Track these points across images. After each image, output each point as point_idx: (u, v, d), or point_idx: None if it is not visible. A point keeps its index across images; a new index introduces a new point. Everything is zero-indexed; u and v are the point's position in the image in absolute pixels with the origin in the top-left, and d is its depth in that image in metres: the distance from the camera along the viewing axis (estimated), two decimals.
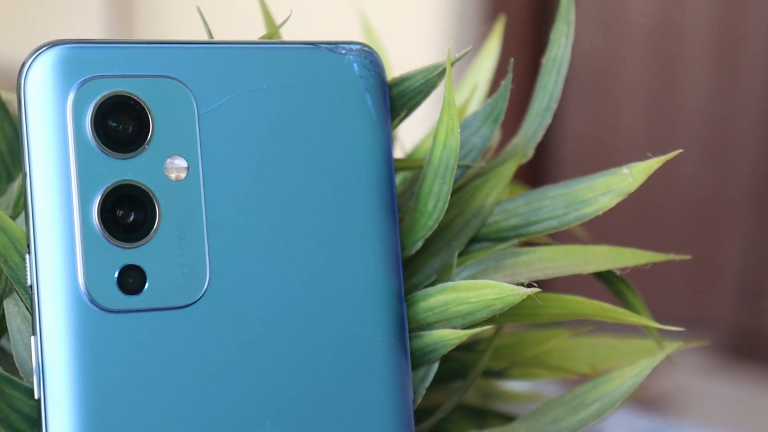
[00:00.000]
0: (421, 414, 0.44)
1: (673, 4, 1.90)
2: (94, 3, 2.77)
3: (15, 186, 0.44)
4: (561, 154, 2.01)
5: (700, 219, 1.92)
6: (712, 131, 1.90)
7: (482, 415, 0.48)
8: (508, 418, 0.48)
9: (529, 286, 0.39)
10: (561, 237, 0.46)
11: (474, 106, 0.51)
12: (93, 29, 2.74)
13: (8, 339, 0.44)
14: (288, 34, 0.51)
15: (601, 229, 0.54)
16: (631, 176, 0.42)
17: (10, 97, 0.45)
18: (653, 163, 0.42)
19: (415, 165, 0.45)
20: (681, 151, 0.44)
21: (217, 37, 0.42)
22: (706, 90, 1.89)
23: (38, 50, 0.38)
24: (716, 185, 1.90)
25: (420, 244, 0.42)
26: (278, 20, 0.47)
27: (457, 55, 0.41)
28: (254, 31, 0.51)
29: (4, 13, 2.75)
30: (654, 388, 1.67)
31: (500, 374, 0.49)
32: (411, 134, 0.54)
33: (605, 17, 1.94)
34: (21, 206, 0.43)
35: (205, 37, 0.42)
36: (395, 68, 0.48)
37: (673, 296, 1.94)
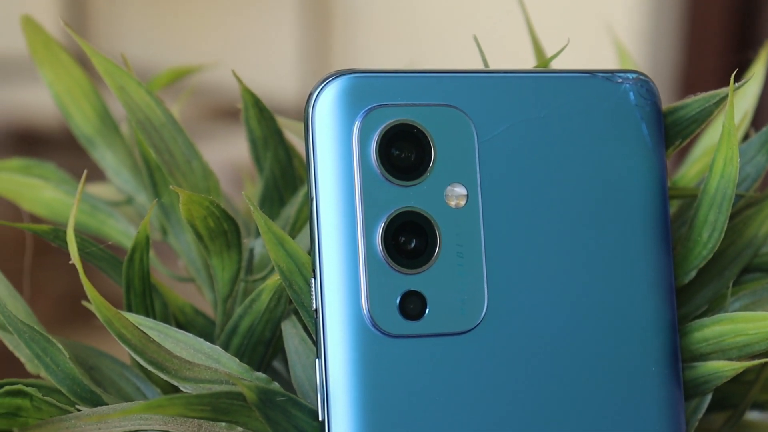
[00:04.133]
0: None
1: None
2: (289, 18, 2.82)
3: (288, 211, 0.46)
4: None
5: None
6: None
7: None
8: None
9: None
10: None
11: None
12: (288, 45, 2.79)
13: (280, 360, 0.45)
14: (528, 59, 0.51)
15: None
16: None
17: (285, 122, 0.46)
18: None
19: (686, 193, 0.45)
20: None
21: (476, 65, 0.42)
22: None
23: (325, 80, 0.39)
24: None
25: (693, 273, 0.42)
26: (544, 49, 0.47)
27: (737, 84, 0.41)
28: (511, 56, 0.51)
29: (202, 37, 2.82)
30: None
31: (763, 406, 0.48)
32: None
33: None
34: (296, 230, 0.44)
35: (476, 65, 0.43)
36: None
37: None
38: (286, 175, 0.46)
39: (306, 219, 0.44)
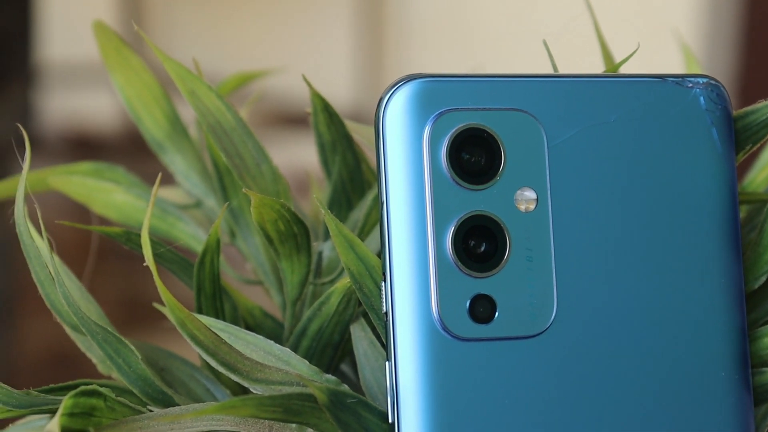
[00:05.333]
0: None
1: None
2: (342, 23, 2.83)
3: (357, 214, 0.46)
4: None
5: None
6: None
7: None
8: None
9: None
10: None
11: None
12: (342, 51, 2.79)
13: (347, 363, 0.46)
14: (596, 64, 0.51)
15: None
16: None
17: (353, 126, 0.46)
18: None
19: (755, 198, 0.45)
20: None
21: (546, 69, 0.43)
22: None
23: (396, 84, 0.39)
24: None
25: (763, 279, 0.42)
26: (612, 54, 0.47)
27: None
28: (577, 60, 0.51)
29: (255, 42, 2.83)
30: None
31: None
32: None
33: None
34: (365, 234, 0.44)
35: (547, 70, 0.43)
36: None
37: None
38: (354, 179, 0.46)
39: (374, 222, 0.44)
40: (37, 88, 1.64)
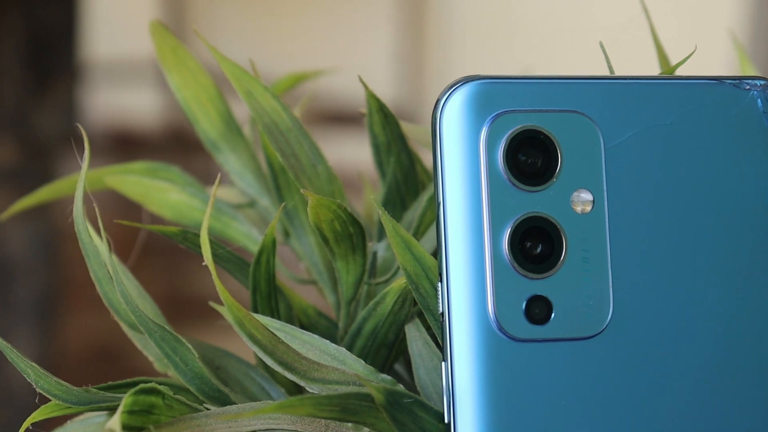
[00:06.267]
0: None
1: None
2: (383, 22, 2.83)
3: (411, 215, 0.46)
4: None
5: None
6: None
7: None
8: None
9: None
10: None
11: None
12: (383, 50, 2.79)
13: (400, 363, 0.46)
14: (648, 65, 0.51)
15: None
16: None
17: (407, 127, 0.46)
18: None
19: None
20: None
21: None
22: None
23: (453, 86, 0.39)
24: None
25: None
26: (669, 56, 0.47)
27: None
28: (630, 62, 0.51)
29: (298, 41, 2.83)
30: None
31: None
32: None
33: None
34: (420, 235, 0.45)
35: (603, 71, 0.43)
36: None
37: None
38: (408, 180, 0.46)
39: (429, 223, 0.44)
40: (83, 85, 1.65)
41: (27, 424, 0.40)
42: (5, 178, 1.46)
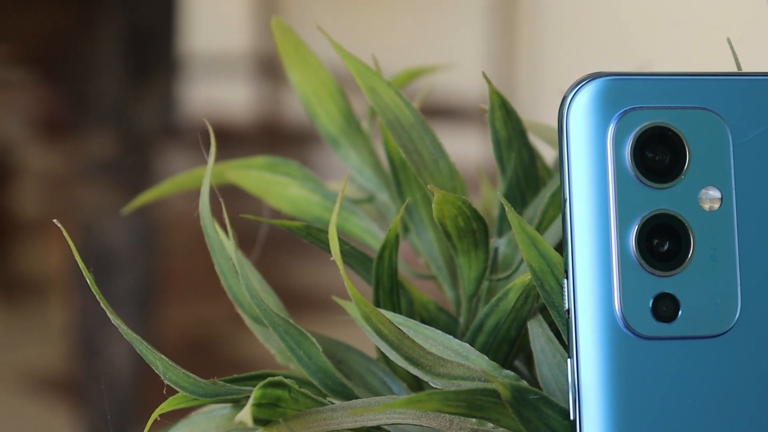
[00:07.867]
0: None
1: None
2: (475, 18, 2.82)
3: (532, 211, 0.46)
4: None
5: None
6: None
7: None
8: None
9: None
10: None
11: None
12: (474, 45, 2.79)
13: (520, 359, 0.46)
14: None
15: None
16: None
17: (528, 123, 0.46)
18: None
19: None
20: None
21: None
22: None
23: (579, 83, 0.39)
24: None
25: None
26: None
27: None
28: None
29: (387, 36, 2.84)
30: None
31: None
32: None
33: None
34: (541, 231, 0.45)
35: (730, 67, 0.43)
36: None
37: None
38: (528, 176, 0.46)
39: (551, 219, 0.44)
40: (181, 79, 1.67)
41: (156, 414, 0.41)
42: (104, 170, 1.48)
